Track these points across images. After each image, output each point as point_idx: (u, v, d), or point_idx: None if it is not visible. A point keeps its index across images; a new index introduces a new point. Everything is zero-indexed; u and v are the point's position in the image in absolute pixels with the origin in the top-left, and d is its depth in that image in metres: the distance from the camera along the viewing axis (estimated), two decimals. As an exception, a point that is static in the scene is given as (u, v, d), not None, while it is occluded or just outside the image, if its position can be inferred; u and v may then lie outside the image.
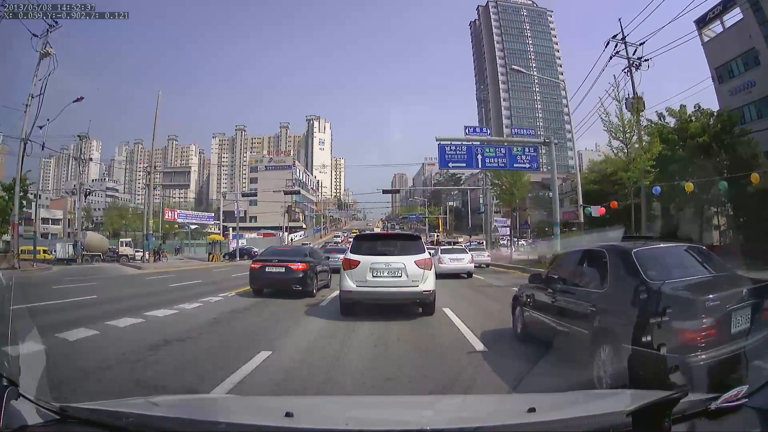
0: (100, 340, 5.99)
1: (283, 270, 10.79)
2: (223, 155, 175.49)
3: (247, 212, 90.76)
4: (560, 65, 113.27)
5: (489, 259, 24.43)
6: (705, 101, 27.66)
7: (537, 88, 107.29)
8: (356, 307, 7.76)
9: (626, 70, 19.29)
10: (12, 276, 11.39)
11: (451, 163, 21.05)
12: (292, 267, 10.77)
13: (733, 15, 25.83)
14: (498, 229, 38.52)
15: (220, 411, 1.87)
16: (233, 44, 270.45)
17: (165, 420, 1.55)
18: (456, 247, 22.35)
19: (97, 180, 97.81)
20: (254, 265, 11.33)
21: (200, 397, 2.54)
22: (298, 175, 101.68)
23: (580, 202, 20.27)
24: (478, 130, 23.33)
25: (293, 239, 67.89)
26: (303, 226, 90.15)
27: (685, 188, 17.78)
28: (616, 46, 19.54)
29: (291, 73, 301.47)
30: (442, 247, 21.82)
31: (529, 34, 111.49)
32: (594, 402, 1.93)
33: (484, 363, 4.78)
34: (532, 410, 1.58)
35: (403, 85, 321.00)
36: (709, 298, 3.28)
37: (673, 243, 4.97)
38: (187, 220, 50.02)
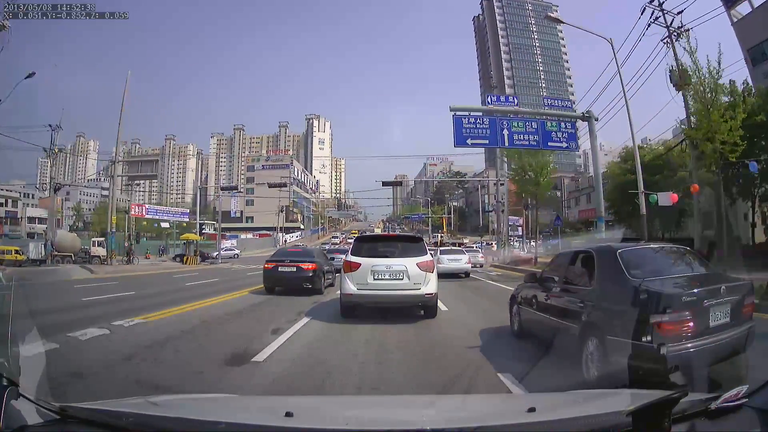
0: None
1: (294, 269, 11.84)
2: (222, 155, 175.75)
3: (243, 212, 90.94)
4: (566, 60, 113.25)
5: (483, 260, 26.50)
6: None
7: (543, 84, 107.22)
8: (356, 309, 7.86)
9: (665, 40, 17.33)
10: (12, 276, 11.27)
11: (470, 140, 17.13)
12: (303, 267, 11.83)
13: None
14: (514, 228, 37.02)
15: (220, 411, 1.90)
16: (233, 44, 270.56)
17: (165, 420, 1.58)
18: (454, 248, 23.57)
19: (92, 179, 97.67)
20: (268, 265, 12.29)
21: (200, 397, 2.58)
22: (296, 174, 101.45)
23: (641, 188, 16.99)
24: (502, 99, 18.76)
25: (287, 240, 66.66)
26: (300, 227, 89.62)
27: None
28: (652, 14, 17.55)
29: (291, 72, 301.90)
30: (441, 248, 23.11)
31: (534, 29, 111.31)
32: (594, 402, 1.97)
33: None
34: (532, 410, 1.61)
35: (404, 84, 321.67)
36: (686, 294, 3.57)
37: (660, 245, 5.66)
38: (157, 216, 45.78)
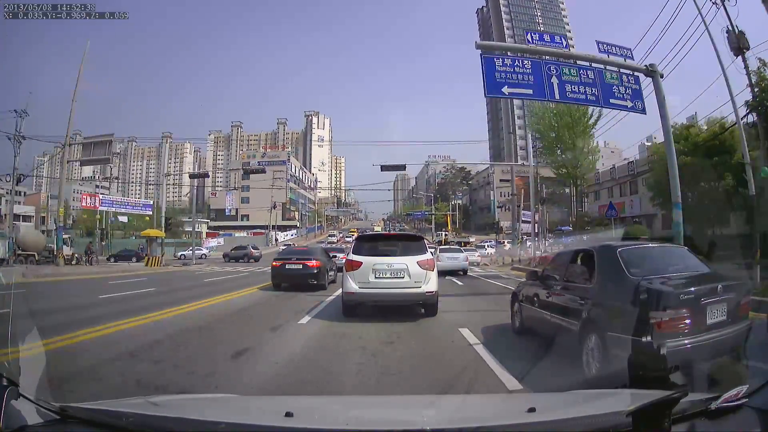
0: None
1: (300, 267, 12.94)
2: (219, 152, 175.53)
3: (239, 210, 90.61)
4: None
5: (480, 258, 29.17)
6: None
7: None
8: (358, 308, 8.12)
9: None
10: (13, 276, 11.25)
11: (507, 88, 12.52)
12: (309, 264, 12.95)
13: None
14: (525, 225, 34.34)
15: (220, 411, 1.93)
16: (232, 43, 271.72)
17: (165, 420, 1.61)
18: (452, 246, 25.16)
19: (89, 177, 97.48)
20: (275, 263, 13.36)
21: (200, 397, 2.62)
22: (293, 171, 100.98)
23: (747, 159, 14.01)
24: (546, 39, 13.71)
25: (278, 240, 65.44)
26: (297, 225, 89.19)
27: None
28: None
29: (290, 71, 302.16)
30: (441, 246, 24.80)
31: (540, 21, 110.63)
32: (594, 402, 1.99)
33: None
34: (532, 410, 1.65)
35: (405, 83, 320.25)
36: (683, 292, 3.70)
37: (659, 244, 5.94)
38: (113, 209, 41.89)
